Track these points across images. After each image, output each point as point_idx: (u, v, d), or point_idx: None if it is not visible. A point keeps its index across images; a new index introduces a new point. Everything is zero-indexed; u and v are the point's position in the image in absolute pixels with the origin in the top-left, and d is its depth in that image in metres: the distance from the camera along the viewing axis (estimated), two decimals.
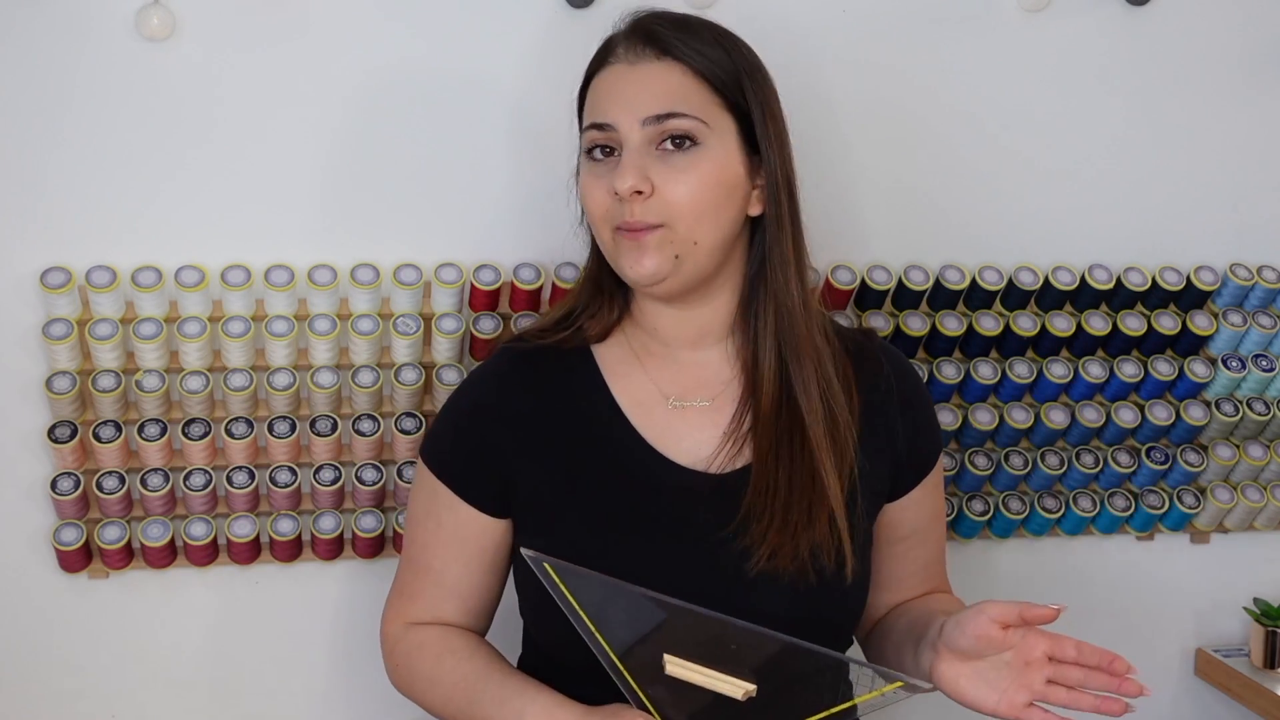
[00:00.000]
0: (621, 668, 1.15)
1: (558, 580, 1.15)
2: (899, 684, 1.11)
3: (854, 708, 1.35)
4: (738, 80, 1.23)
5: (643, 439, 1.27)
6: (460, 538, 1.31)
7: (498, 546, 1.32)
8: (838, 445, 1.25)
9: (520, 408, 1.29)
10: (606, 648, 1.15)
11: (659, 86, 1.20)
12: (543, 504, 1.27)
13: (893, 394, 1.31)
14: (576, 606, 1.15)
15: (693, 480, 1.25)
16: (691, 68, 1.21)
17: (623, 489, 1.25)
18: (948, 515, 1.74)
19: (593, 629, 1.15)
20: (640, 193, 1.18)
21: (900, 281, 1.68)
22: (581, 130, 1.28)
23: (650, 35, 1.22)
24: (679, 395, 1.29)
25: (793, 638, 1.12)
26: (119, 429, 1.55)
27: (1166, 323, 1.73)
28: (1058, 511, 1.76)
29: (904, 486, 1.34)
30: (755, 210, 1.26)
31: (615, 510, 1.25)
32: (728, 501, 1.23)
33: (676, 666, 1.12)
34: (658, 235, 1.19)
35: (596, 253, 1.32)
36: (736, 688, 1.11)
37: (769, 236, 1.25)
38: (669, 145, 1.20)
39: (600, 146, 1.23)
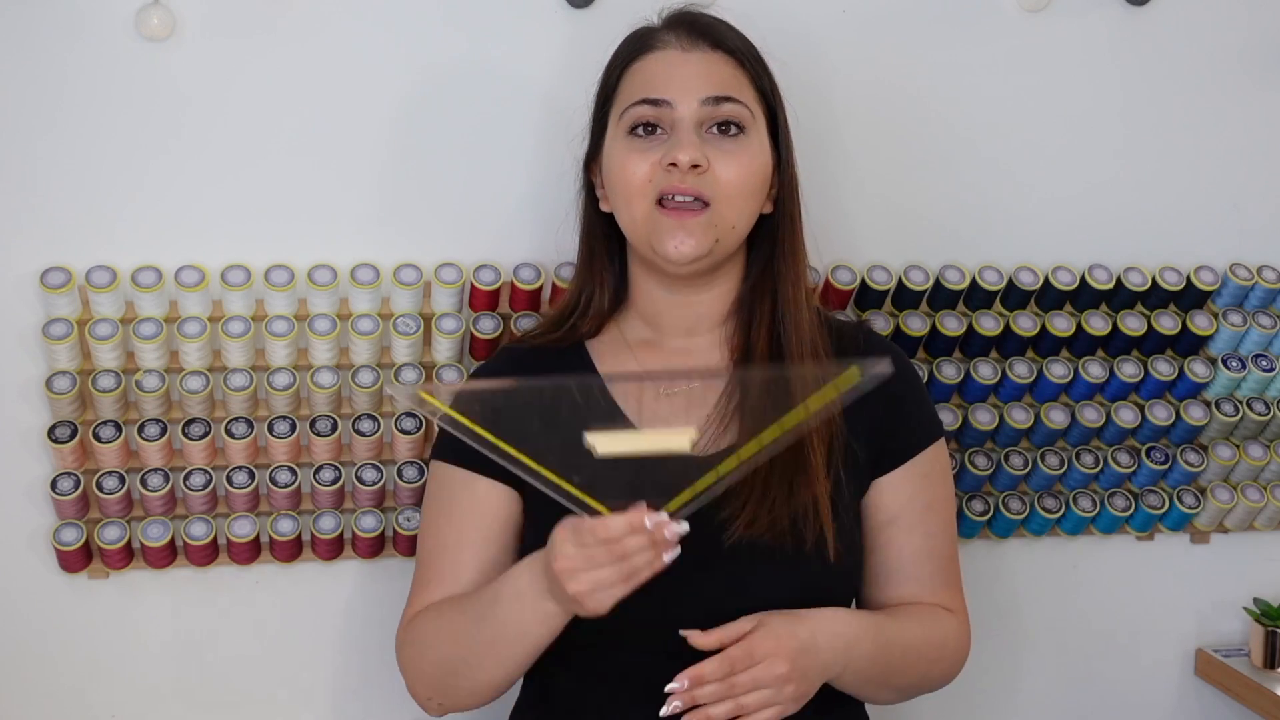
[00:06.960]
0: (549, 474, 1.03)
1: (442, 406, 1.02)
2: (854, 372, 0.98)
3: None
4: (770, 80, 1.31)
5: (630, 423, 1.30)
6: (477, 511, 1.33)
7: (509, 520, 1.33)
8: (824, 425, 1.27)
9: None
10: (523, 459, 1.03)
11: (715, 73, 1.26)
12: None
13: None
14: (474, 426, 1.02)
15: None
16: (740, 62, 1.28)
17: None
18: None
19: (501, 445, 1.02)
20: (697, 166, 1.23)
21: (900, 281, 1.67)
22: (609, 111, 1.31)
23: (702, 28, 1.28)
24: (668, 381, 1.32)
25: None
26: (119, 429, 1.55)
27: (1166, 323, 1.73)
28: (1058, 511, 1.76)
29: (885, 466, 1.34)
30: (767, 208, 1.33)
31: (605, 493, 1.27)
32: None
33: (606, 443, 0.98)
34: (703, 218, 1.24)
35: (594, 240, 1.37)
36: (681, 436, 0.99)
37: (781, 231, 1.32)
38: (716, 130, 1.26)
39: (644, 125, 1.26)
